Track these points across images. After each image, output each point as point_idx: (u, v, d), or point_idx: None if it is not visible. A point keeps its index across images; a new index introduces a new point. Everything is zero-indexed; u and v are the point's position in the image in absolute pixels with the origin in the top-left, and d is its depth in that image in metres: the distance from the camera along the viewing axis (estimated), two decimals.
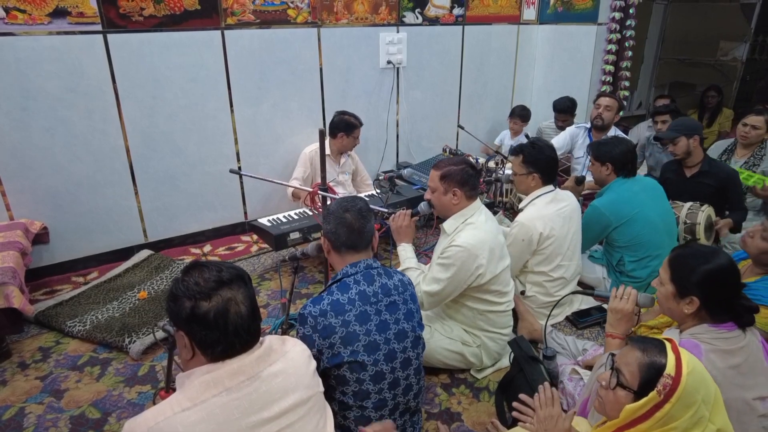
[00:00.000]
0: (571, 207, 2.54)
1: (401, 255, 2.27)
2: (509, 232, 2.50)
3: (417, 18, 4.10)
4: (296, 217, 3.11)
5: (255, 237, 3.65)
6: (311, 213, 3.08)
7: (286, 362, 1.23)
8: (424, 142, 4.53)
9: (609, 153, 2.67)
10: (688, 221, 2.84)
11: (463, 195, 2.09)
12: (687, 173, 3.09)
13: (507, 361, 2.26)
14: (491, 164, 3.62)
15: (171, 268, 3.10)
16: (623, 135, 3.73)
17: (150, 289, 2.87)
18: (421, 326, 1.77)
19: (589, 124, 3.94)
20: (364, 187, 3.79)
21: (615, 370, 1.25)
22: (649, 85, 6.61)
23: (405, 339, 1.66)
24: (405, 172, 3.35)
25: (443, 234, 2.18)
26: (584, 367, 2.10)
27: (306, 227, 2.96)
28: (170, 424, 1.07)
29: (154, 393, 2.10)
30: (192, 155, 3.38)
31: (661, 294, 1.66)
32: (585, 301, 2.74)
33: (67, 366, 2.34)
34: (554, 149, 2.57)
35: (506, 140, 4.55)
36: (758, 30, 5.90)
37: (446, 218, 2.17)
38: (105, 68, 2.94)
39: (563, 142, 4.02)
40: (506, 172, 3.30)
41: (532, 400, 1.52)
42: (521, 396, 1.58)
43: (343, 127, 3.43)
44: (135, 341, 2.40)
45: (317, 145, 2.31)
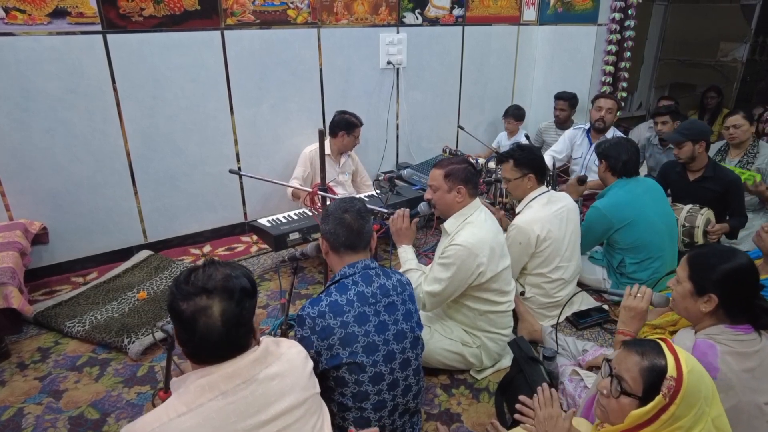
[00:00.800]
0: (568, 208, 2.53)
1: (402, 256, 2.27)
2: (507, 235, 2.50)
3: (417, 18, 4.10)
4: (296, 218, 3.10)
5: (255, 237, 3.65)
6: (311, 213, 3.08)
7: (283, 364, 1.22)
8: (424, 143, 4.53)
9: (618, 154, 2.67)
10: (687, 224, 2.83)
11: (467, 192, 2.11)
12: (690, 177, 3.08)
13: (507, 362, 2.26)
14: (491, 164, 3.62)
15: (170, 269, 3.10)
16: (623, 135, 3.73)
17: (149, 290, 2.87)
18: (420, 326, 1.76)
19: (588, 126, 3.94)
20: (364, 188, 3.79)
21: (615, 377, 1.23)
22: (650, 86, 6.60)
23: (404, 340, 1.66)
24: (405, 173, 3.36)
25: (444, 234, 2.18)
26: (585, 368, 2.10)
27: (305, 228, 2.96)
28: (167, 430, 1.06)
29: (153, 393, 2.09)
30: (192, 156, 3.38)
31: (678, 293, 1.63)
32: (585, 302, 2.73)
33: (66, 366, 2.34)
34: (539, 149, 2.57)
35: (503, 141, 4.55)
36: (758, 31, 5.88)
37: (447, 218, 2.17)
38: (105, 69, 2.94)
39: (563, 146, 4.02)
40: None
41: (532, 401, 1.52)
42: (520, 397, 1.57)
43: (344, 126, 3.43)
44: (134, 342, 2.40)
45: (317, 145, 2.31)
